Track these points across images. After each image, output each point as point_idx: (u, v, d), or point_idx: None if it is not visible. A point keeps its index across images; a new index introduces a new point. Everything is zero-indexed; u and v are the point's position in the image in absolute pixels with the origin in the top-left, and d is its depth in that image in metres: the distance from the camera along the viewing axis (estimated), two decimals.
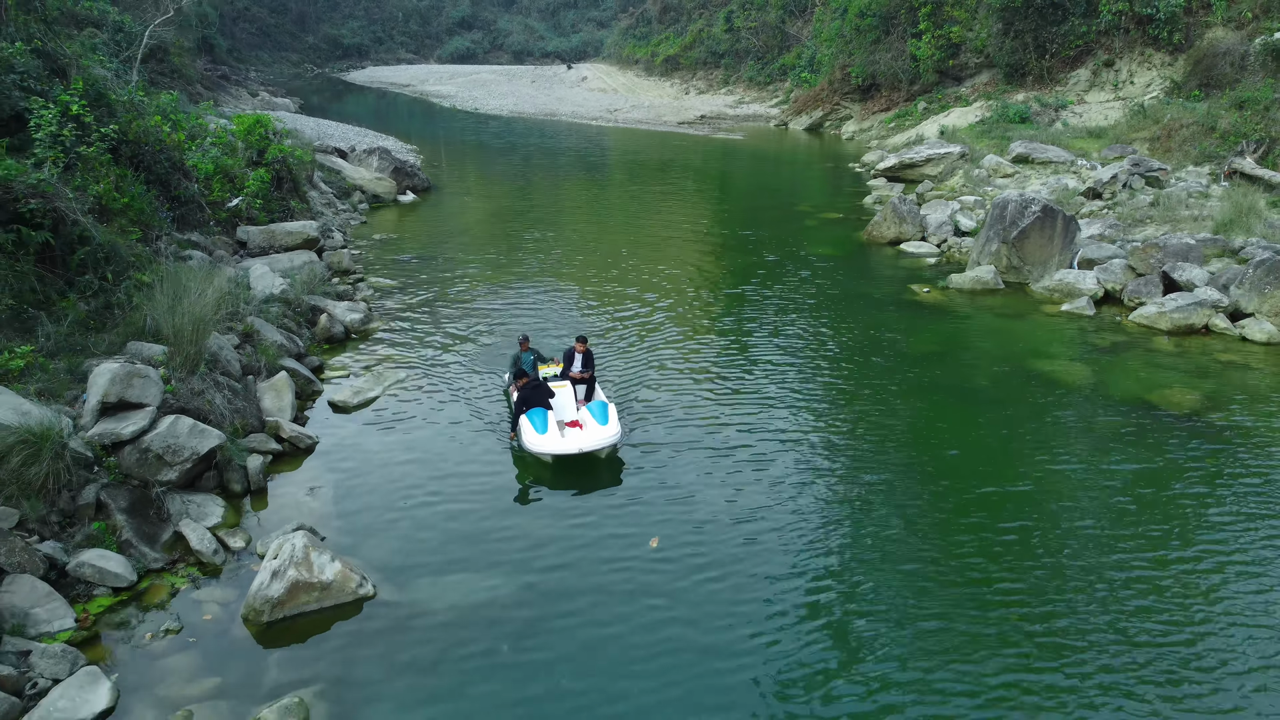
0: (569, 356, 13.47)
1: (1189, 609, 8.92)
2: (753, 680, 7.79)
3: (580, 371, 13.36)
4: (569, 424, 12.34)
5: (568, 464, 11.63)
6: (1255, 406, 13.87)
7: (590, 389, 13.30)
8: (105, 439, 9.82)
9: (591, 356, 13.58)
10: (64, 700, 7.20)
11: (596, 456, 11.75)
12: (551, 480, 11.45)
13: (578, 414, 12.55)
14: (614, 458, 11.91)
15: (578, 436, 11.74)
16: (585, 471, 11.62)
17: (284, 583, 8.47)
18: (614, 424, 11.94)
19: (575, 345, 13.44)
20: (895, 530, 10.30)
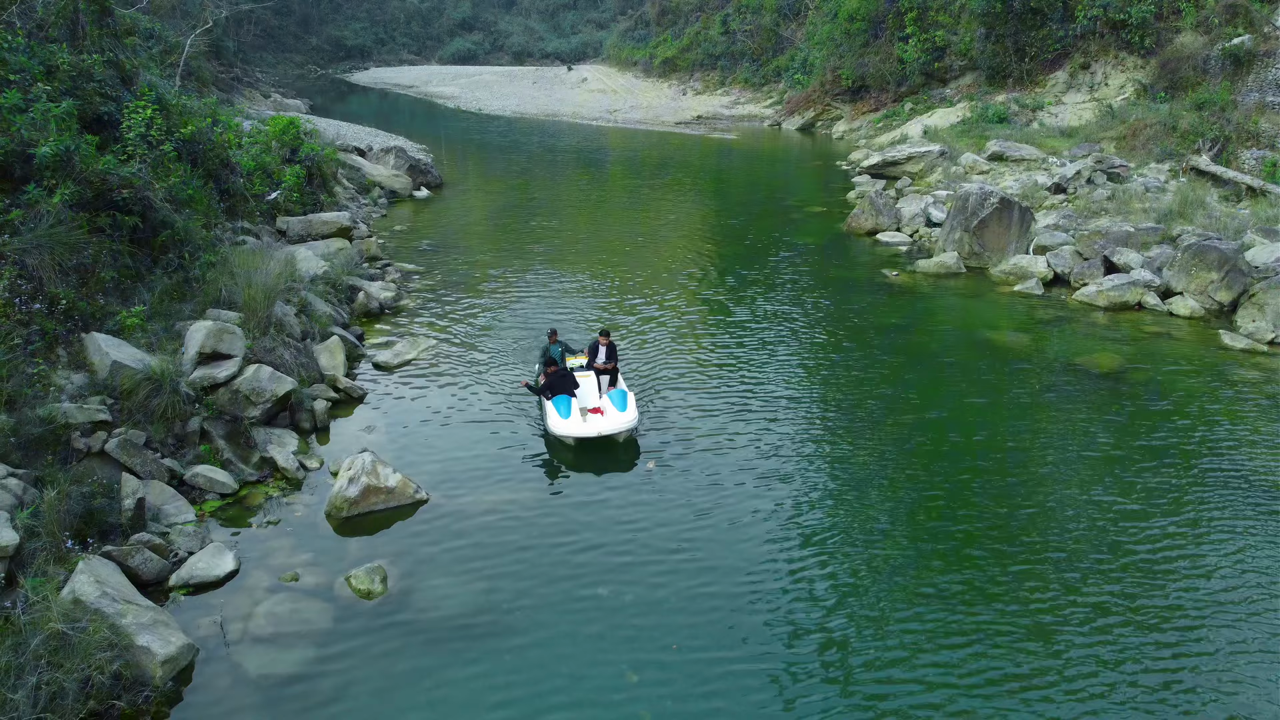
0: (594, 349, 14.39)
1: (1098, 517, 11.20)
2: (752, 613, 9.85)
3: (604, 363, 14.20)
4: (592, 410, 13.21)
5: (588, 444, 12.83)
6: (1166, 366, 16.17)
7: (614, 379, 14.14)
8: (203, 382, 12.09)
9: (615, 349, 14.42)
10: (201, 563, 9.48)
11: (615, 439, 12.88)
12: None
13: (599, 401, 13.47)
14: (630, 439, 13.04)
15: (597, 422, 12.73)
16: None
17: (358, 487, 10.75)
18: (631, 411, 12.96)
19: (599, 338, 14.38)
20: (862, 461, 12.59)
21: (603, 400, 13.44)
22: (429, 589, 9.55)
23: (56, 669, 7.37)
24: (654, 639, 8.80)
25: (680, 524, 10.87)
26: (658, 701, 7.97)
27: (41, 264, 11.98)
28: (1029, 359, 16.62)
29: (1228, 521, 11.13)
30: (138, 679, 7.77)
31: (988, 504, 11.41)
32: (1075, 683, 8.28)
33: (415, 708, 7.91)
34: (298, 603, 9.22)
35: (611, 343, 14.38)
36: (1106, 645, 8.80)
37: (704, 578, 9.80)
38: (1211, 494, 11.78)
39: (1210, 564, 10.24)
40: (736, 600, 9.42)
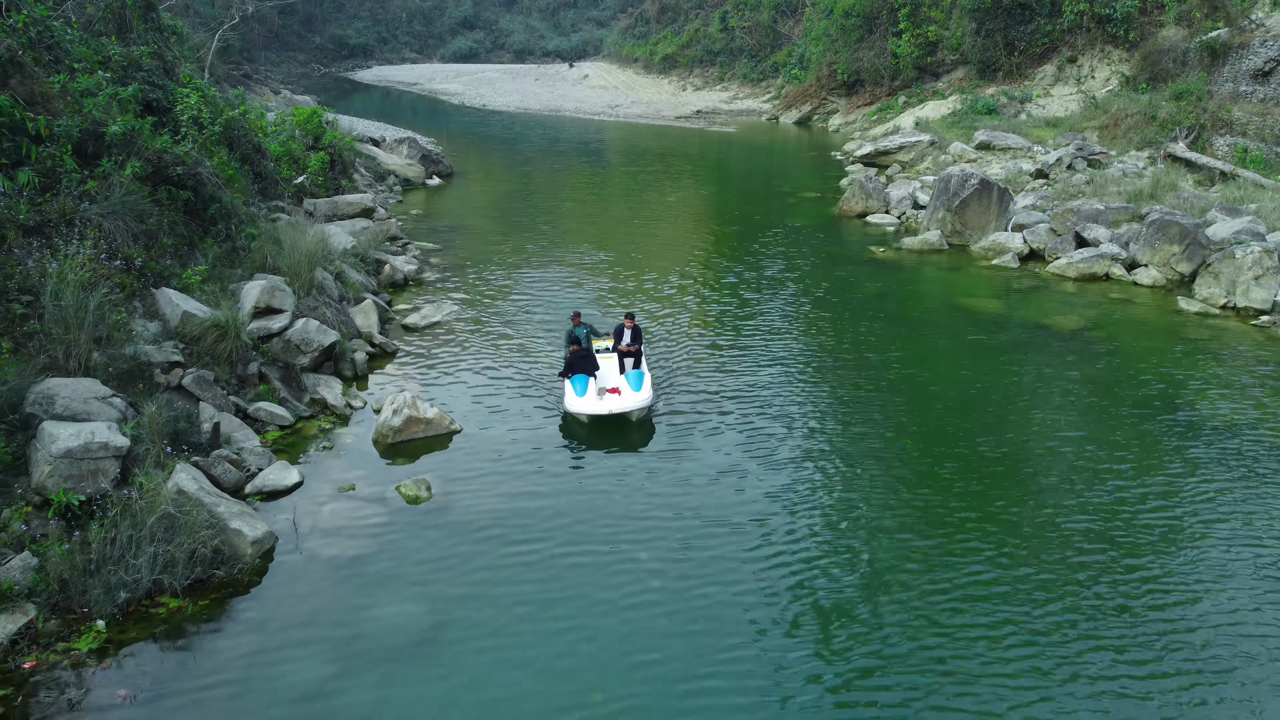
0: (618, 332, 14.73)
1: (1059, 447, 12.77)
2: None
3: (628, 345, 14.55)
4: (610, 390, 13.51)
5: (602, 423, 13.17)
6: (1125, 325, 17.75)
7: (637, 361, 14.42)
8: (259, 332, 13.66)
9: (640, 332, 14.75)
10: (271, 476, 11.05)
11: (628, 418, 13.26)
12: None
13: (617, 381, 13.78)
14: (644, 419, 13.42)
15: (610, 400, 13.08)
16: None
17: (401, 418, 12.32)
18: (646, 392, 13.30)
19: (624, 321, 14.71)
20: (851, 410, 14.16)
21: (620, 380, 13.79)
22: (467, 497, 11.12)
23: (168, 543, 8.94)
24: (659, 534, 10.35)
25: (682, 460, 12.43)
26: (666, 591, 9.51)
27: (116, 229, 13.53)
28: (1001, 320, 18.18)
29: (1173, 448, 12.67)
30: (232, 555, 9.35)
31: (962, 439, 12.93)
32: (1042, 602, 9.82)
33: (459, 586, 9.44)
34: (356, 506, 10.80)
35: (636, 326, 14.74)
36: (1079, 559, 10.35)
37: (707, 502, 11.36)
38: (1160, 426, 13.32)
39: (1157, 481, 11.78)
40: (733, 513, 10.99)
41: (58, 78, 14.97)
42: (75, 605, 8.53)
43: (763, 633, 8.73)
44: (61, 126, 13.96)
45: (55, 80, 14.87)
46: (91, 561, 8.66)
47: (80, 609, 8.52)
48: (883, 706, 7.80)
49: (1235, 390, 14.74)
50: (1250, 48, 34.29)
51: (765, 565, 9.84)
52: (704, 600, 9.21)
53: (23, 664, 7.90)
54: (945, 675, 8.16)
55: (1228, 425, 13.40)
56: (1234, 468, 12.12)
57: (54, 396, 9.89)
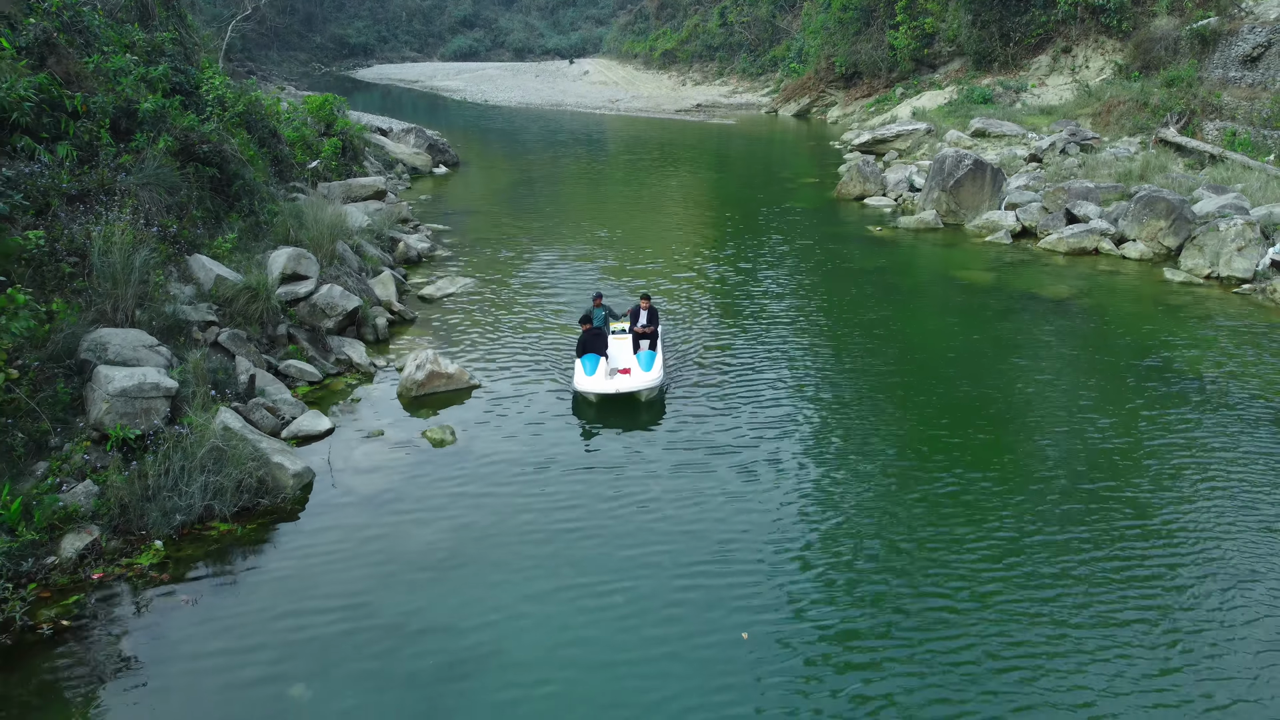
0: (634, 313, 14.64)
1: (1046, 400, 13.52)
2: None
3: (644, 326, 14.45)
4: (621, 370, 13.55)
5: (610, 403, 13.21)
6: (1111, 295, 18.48)
7: (653, 342, 14.28)
8: (286, 297, 14.40)
9: (656, 313, 14.69)
10: (305, 423, 11.80)
11: (637, 398, 13.26)
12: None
13: (629, 361, 13.80)
14: (658, 400, 13.44)
15: (620, 380, 13.09)
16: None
17: (424, 372, 13.06)
18: (655, 372, 13.30)
19: (640, 302, 14.66)
20: (851, 374, 14.91)
21: (631, 360, 13.83)
22: (487, 442, 11.87)
23: (217, 473, 9.68)
24: (668, 471, 11.09)
25: (690, 427, 13.18)
26: (671, 520, 10.25)
27: (150, 199, 14.27)
28: (992, 289, 18.93)
29: (1155, 395, 13.40)
30: (274, 486, 10.09)
31: (957, 397, 13.65)
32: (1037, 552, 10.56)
33: (481, 517, 10.16)
34: (386, 448, 11.55)
35: (653, 307, 14.68)
36: (1061, 485, 11.09)
37: (717, 441, 12.11)
38: (1140, 376, 14.06)
39: (1137, 423, 12.51)
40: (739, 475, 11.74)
41: (92, 58, 15.69)
42: (134, 527, 9.27)
43: (768, 530, 9.47)
44: (97, 103, 14.70)
45: (90, 61, 15.59)
46: (148, 489, 9.39)
47: (139, 531, 9.26)
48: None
49: (1214, 348, 15.47)
50: (1239, 34, 34.99)
51: (773, 491, 10.58)
52: (709, 526, 9.94)
53: (92, 575, 8.64)
54: (945, 575, 8.90)
55: (1207, 377, 14.14)
56: (1214, 413, 12.86)
57: (106, 344, 10.63)
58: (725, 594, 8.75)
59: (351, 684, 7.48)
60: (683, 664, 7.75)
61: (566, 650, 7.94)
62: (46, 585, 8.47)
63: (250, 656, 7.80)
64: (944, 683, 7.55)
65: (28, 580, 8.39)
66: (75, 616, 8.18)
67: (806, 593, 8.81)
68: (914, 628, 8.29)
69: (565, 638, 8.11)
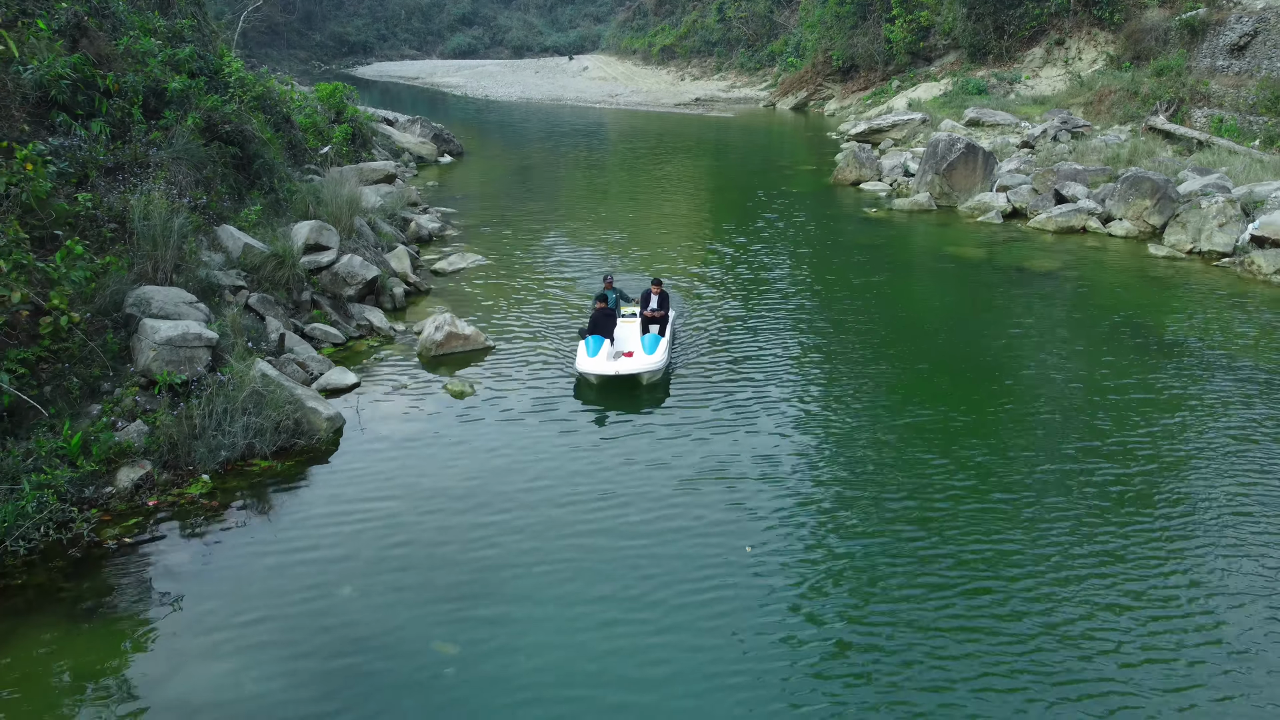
0: (645, 296, 14.61)
1: (1033, 356, 14.29)
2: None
3: (654, 310, 14.37)
4: (625, 353, 13.50)
5: (612, 385, 13.06)
6: (1096, 268, 19.27)
7: (663, 327, 14.18)
8: (309, 265, 15.15)
9: (667, 297, 14.59)
10: (333, 377, 12.56)
11: (639, 380, 13.12)
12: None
13: (635, 345, 13.72)
14: (656, 383, 13.28)
15: (621, 362, 13.03)
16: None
17: (442, 333, 13.82)
18: (659, 355, 13.18)
19: (651, 286, 14.63)
20: (849, 342, 15.67)
21: (635, 343, 13.77)
22: (504, 395, 12.65)
23: (257, 415, 10.44)
24: (677, 420, 11.86)
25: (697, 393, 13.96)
26: (681, 464, 11.01)
27: (180, 172, 15.01)
28: (983, 263, 19.71)
29: (1133, 354, 14.18)
30: (309, 429, 10.86)
31: (951, 356, 14.45)
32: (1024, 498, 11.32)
33: (499, 460, 10.92)
34: (410, 400, 12.33)
35: (664, 291, 14.59)
36: (1045, 434, 11.86)
37: (720, 394, 12.88)
38: (1121, 338, 14.83)
39: (1120, 379, 13.29)
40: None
41: (122, 39, 16.42)
42: (183, 463, 10.03)
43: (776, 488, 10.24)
44: (128, 82, 15.44)
45: (120, 42, 16.33)
46: (195, 428, 10.15)
47: (187, 466, 10.01)
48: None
49: (1192, 314, 16.26)
50: (1226, 24, 35.76)
51: (774, 452, 11.35)
52: (706, 457, 10.71)
53: (147, 502, 9.40)
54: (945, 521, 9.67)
55: (1183, 338, 14.93)
56: (1190, 371, 13.64)
57: (149, 300, 11.37)
58: (736, 516, 9.51)
59: (393, 591, 8.25)
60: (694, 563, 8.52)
61: (577, 557, 8.71)
62: (107, 510, 9.23)
63: (296, 568, 8.56)
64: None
65: (90, 505, 9.14)
66: (135, 535, 8.94)
67: (817, 519, 9.59)
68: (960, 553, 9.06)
69: (578, 545, 8.89)
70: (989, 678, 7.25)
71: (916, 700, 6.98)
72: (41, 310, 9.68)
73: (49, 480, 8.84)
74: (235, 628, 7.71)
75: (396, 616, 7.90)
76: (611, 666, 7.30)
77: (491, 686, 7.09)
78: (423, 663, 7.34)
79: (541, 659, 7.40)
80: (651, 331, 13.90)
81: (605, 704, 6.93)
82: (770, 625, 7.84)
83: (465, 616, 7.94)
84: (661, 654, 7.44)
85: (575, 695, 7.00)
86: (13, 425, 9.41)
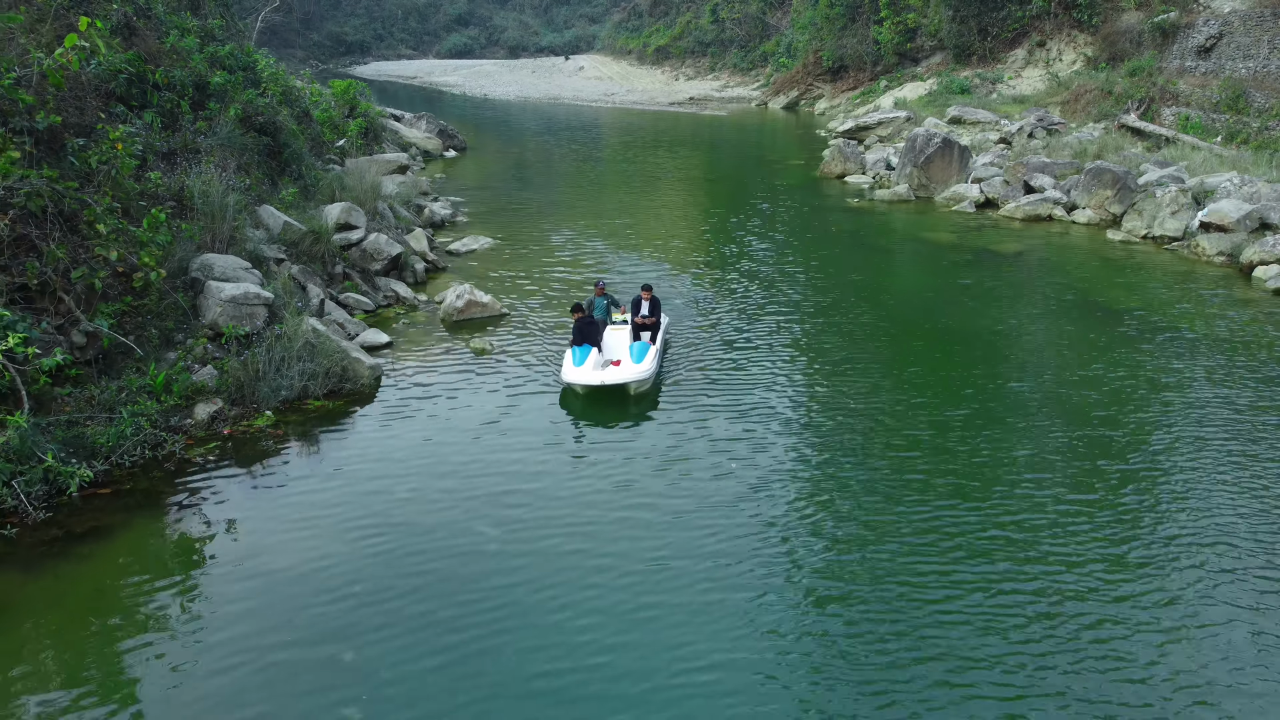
0: (635, 303, 14.16)
1: (992, 324, 16.00)
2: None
3: (645, 317, 13.95)
4: (613, 362, 13.20)
5: (600, 396, 12.70)
6: (1057, 251, 21.06)
7: (654, 335, 13.87)
8: (340, 242, 16.79)
9: (658, 304, 14.24)
10: (369, 336, 14.22)
11: (627, 391, 12.72)
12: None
13: (623, 354, 13.33)
14: (651, 393, 12.99)
15: (608, 372, 12.67)
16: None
17: (463, 300, 15.50)
18: (647, 364, 12.76)
19: (641, 293, 14.15)
20: (829, 316, 17.38)
21: (623, 352, 13.39)
22: (519, 352, 14.37)
23: (310, 362, 12.10)
24: (672, 371, 13.52)
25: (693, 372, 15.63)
26: (675, 415, 12.68)
27: (224, 158, 16.64)
28: (954, 247, 21.45)
29: (1086, 323, 15.90)
30: (354, 376, 12.53)
31: (922, 325, 16.16)
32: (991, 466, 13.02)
33: (520, 399, 12.59)
34: (438, 355, 14.03)
35: (655, 298, 14.19)
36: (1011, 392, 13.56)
37: (713, 360, 14.57)
38: (1074, 310, 16.55)
39: (1075, 345, 15.01)
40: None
41: (169, 38, 18.04)
42: (249, 401, 11.68)
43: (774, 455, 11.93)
44: (176, 77, 17.06)
45: (167, 41, 17.95)
46: (258, 372, 11.80)
47: (252, 403, 11.67)
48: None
49: (1140, 290, 18.00)
50: (1195, 27, 37.58)
51: (768, 423, 13.04)
52: (699, 413, 12.40)
53: (222, 431, 11.05)
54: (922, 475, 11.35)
55: (1129, 310, 16.65)
56: (1127, 333, 15.36)
57: (212, 265, 13.00)
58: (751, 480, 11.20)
59: (440, 492, 10.00)
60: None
61: (585, 452, 10.39)
62: (190, 436, 10.88)
63: (354, 481, 10.24)
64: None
65: (176, 432, 10.78)
66: (215, 455, 10.59)
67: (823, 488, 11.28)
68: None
69: (585, 453, 10.58)
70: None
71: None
72: (134, 268, 11.30)
73: (142, 410, 10.48)
74: (305, 520, 9.38)
75: (445, 509, 9.65)
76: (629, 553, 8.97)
77: (526, 556, 8.80)
78: (470, 538, 9.10)
79: (561, 535, 9.10)
80: (642, 339, 13.68)
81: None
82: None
83: (499, 506, 9.66)
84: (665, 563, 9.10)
85: (601, 564, 8.69)
86: (105, 366, 11.04)
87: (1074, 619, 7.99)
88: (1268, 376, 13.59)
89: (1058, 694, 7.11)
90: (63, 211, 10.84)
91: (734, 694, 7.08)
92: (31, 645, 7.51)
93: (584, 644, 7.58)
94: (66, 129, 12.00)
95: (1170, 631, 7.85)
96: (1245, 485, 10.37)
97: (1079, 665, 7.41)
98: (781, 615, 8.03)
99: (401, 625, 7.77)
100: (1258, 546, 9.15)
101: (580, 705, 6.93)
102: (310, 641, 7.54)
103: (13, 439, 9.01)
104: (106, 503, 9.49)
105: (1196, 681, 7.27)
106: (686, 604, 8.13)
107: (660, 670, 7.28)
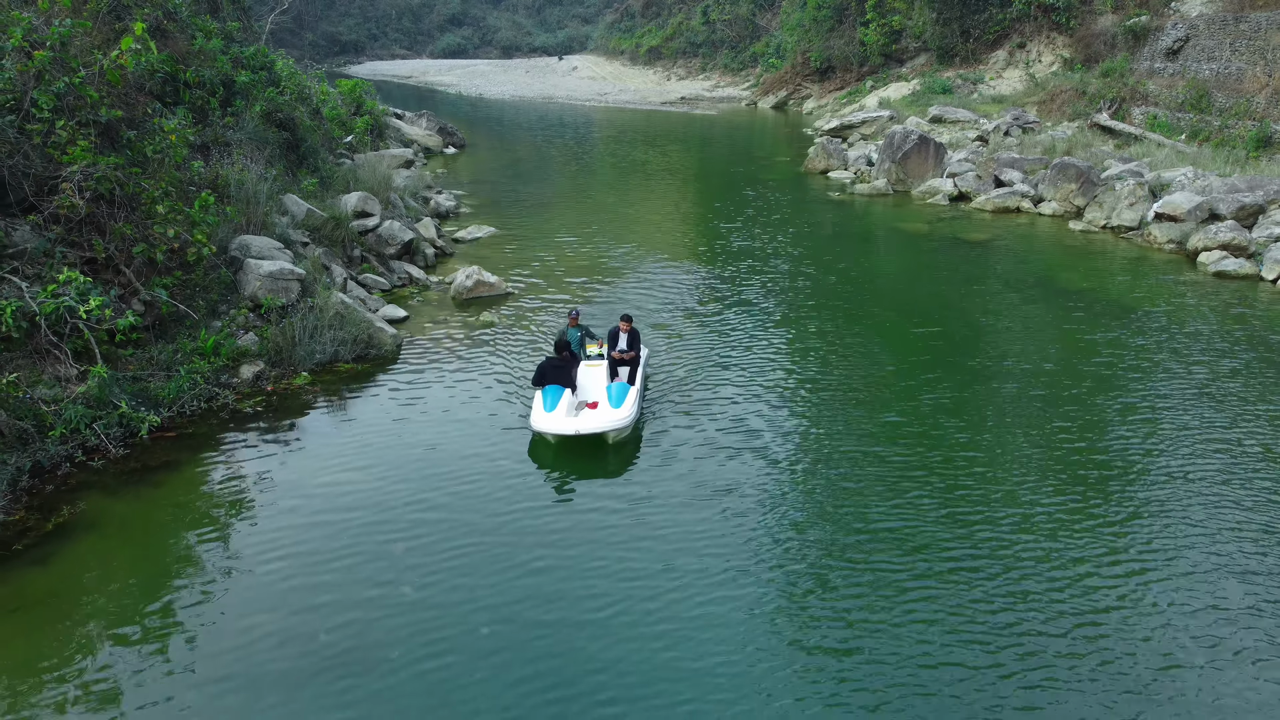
0: (613, 336, 12.79)
1: (958, 305, 17.54)
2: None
3: (623, 351, 12.64)
4: (590, 404, 11.89)
5: (573, 443, 11.37)
6: (1022, 240, 22.64)
7: (632, 372, 12.58)
8: (358, 228, 18.26)
9: (637, 336, 12.84)
10: (388, 310, 15.73)
11: (604, 439, 11.32)
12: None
13: (599, 394, 12.02)
14: (623, 440, 11.54)
15: (583, 419, 11.32)
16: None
17: (471, 280, 16.99)
18: (626, 410, 11.36)
19: (620, 325, 12.83)
20: (810, 300, 18.91)
21: (601, 393, 12.00)
22: (524, 324, 15.87)
23: (340, 330, 13.59)
24: (669, 344, 15.03)
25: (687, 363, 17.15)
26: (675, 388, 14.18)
27: (250, 151, 18.09)
28: (927, 236, 23.02)
29: (1045, 302, 17.45)
30: (379, 343, 14.04)
31: (895, 307, 17.69)
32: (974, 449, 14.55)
33: (527, 363, 14.05)
34: (450, 328, 15.52)
35: (634, 329, 12.82)
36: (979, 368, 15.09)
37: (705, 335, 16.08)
38: (1035, 291, 18.11)
39: (1034, 321, 16.54)
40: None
41: (196, 40, 19.48)
42: (287, 363, 13.16)
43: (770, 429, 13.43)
44: (206, 76, 18.51)
45: (195, 43, 19.39)
46: (294, 339, 13.27)
47: (290, 366, 13.15)
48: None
49: (1092, 273, 19.58)
50: (1164, 29, 39.24)
51: (761, 397, 14.55)
52: (691, 380, 13.90)
53: (265, 388, 12.53)
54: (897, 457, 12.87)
55: (1082, 291, 18.23)
56: (1077, 310, 16.93)
57: (249, 245, 14.47)
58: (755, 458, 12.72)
59: (461, 437, 11.52)
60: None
61: None
62: (238, 392, 12.36)
63: (382, 429, 11.73)
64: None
65: (225, 389, 12.25)
66: (261, 407, 12.07)
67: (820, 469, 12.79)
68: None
69: None
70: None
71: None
72: (187, 244, 12.77)
73: (196, 369, 11.95)
74: (342, 461, 10.87)
75: (466, 450, 11.17)
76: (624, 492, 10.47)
77: (536, 490, 10.32)
78: (489, 473, 10.62)
79: (569, 467, 10.66)
80: (620, 379, 12.37)
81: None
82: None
83: (511, 449, 11.18)
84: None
85: (594, 520, 10.18)
86: (160, 332, 12.51)
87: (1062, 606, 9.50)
88: (1208, 347, 15.16)
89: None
90: (126, 194, 12.29)
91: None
92: (125, 551, 8.99)
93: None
94: (119, 122, 13.46)
95: (1125, 595, 9.30)
96: (1192, 439, 11.91)
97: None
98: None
99: (428, 525, 9.33)
100: (1203, 497, 10.69)
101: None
102: (340, 552, 9.08)
103: (93, 388, 10.47)
104: (172, 444, 10.97)
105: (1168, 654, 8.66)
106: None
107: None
